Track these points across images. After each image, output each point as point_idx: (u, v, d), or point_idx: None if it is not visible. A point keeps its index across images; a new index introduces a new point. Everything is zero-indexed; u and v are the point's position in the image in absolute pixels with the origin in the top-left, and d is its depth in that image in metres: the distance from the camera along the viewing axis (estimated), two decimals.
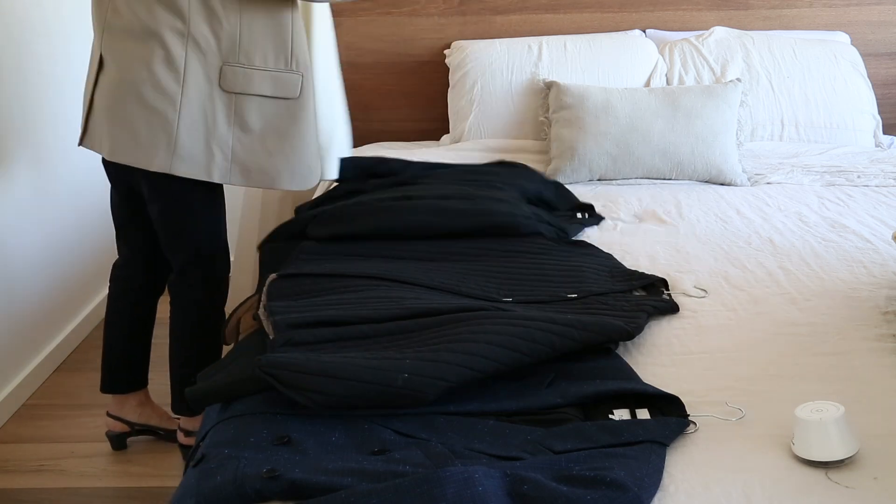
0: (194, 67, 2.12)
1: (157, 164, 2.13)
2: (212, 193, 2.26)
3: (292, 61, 2.20)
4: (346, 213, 2.31)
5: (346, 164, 2.60)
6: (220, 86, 2.13)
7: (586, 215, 2.57)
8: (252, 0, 2.12)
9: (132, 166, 2.16)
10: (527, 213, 2.37)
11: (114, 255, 2.51)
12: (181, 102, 2.11)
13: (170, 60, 2.10)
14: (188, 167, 2.14)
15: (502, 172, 2.70)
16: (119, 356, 2.52)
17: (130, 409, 2.56)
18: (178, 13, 2.09)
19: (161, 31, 2.10)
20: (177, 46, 2.10)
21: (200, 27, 2.10)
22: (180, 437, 2.48)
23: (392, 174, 2.73)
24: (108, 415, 2.57)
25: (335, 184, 2.82)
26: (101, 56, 2.18)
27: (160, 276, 2.50)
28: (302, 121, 2.23)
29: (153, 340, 2.57)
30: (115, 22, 2.14)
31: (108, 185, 2.40)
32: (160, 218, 2.29)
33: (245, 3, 2.12)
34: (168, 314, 2.43)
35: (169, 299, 2.40)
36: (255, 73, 2.15)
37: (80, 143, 2.27)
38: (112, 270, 2.52)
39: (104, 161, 2.31)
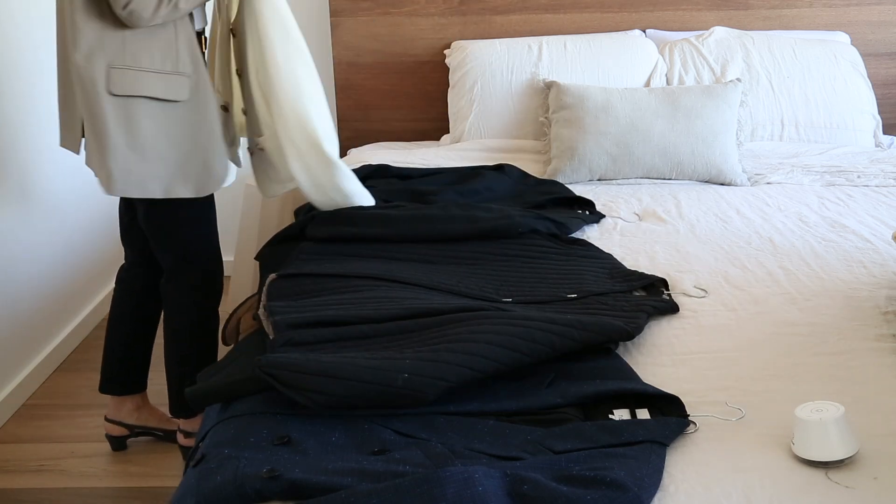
0: (88, 72, 2.06)
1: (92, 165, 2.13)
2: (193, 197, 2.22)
3: (179, 62, 2.13)
4: (344, 216, 2.31)
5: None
6: (107, 90, 2.07)
7: (587, 212, 2.57)
8: None
9: None
10: (520, 212, 2.38)
11: (113, 255, 2.52)
12: (86, 110, 2.08)
13: (76, 66, 2.07)
14: (102, 180, 2.11)
15: (489, 174, 2.72)
16: (119, 358, 2.52)
17: (128, 412, 2.56)
18: (67, 14, 2.07)
19: (67, 32, 2.08)
20: (73, 49, 2.06)
21: (86, 28, 2.05)
22: (180, 438, 2.48)
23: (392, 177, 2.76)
24: (107, 419, 2.57)
25: None
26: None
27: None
28: (197, 126, 2.16)
29: (154, 341, 2.57)
30: (58, 24, 2.14)
31: None
32: (143, 222, 2.29)
33: None
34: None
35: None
36: (143, 74, 2.08)
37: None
38: (118, 272, 2.53)
39: None
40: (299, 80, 2.21)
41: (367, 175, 2.79)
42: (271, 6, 2.19)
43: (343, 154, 3.53)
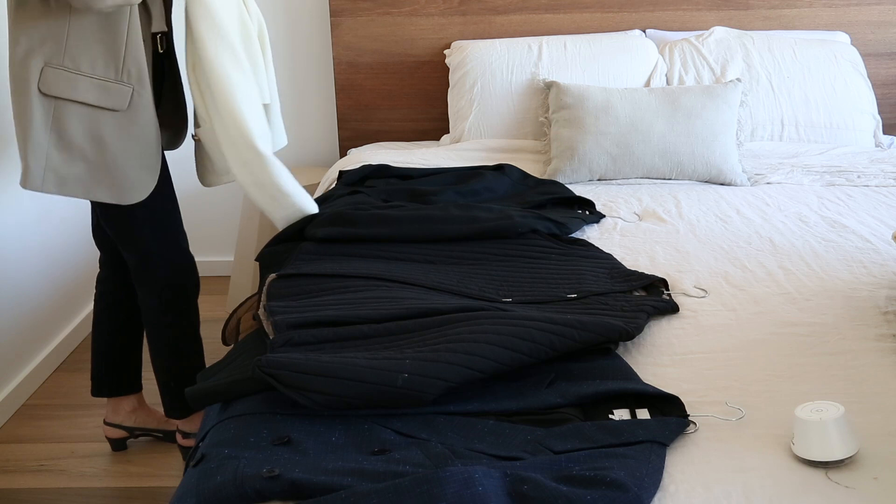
0: (21, 67, 2.03)
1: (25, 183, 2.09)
2: (149, 197, 2.18)
3: (123, 72, 2.08)
4: (344, 216, 2.31)
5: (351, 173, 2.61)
6: (38, 88, 2.02)
7: (587, 212, 2.57)
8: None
9: None
10: (520, 212, 2.38)
11: None
12: (15, 103, 2.05)
13: (10, 59, 2.04)
14: (23, 170, 2.08)
15: (489, 174, 2.72)
16: (106, 361, 2.51)
17: (125, 414, 2.56)
18: (10, 9, 2.03)
19: (12, 25, 2.03)
20: (15, 42, 2.02)
21: (28, 24, 2.01)
22: (179, 438, 2.48)
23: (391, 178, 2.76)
24: (105, 423, 2.57)
25: (333, 186, 2.83)
26: None
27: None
28: (130, 134, 2.11)
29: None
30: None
31: None
32: (102, 221, 2.27)
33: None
34: None
35: None
36: (80, 78, 2.04)
37: None
38: (96, 284, 2.51)
39: None
40: (230, 77, 2.15)
41: (367, 175, 2.79)
42: (201, 3, 2.14)
43: (343, 154, 3.54)
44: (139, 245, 2.26)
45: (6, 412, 2.80)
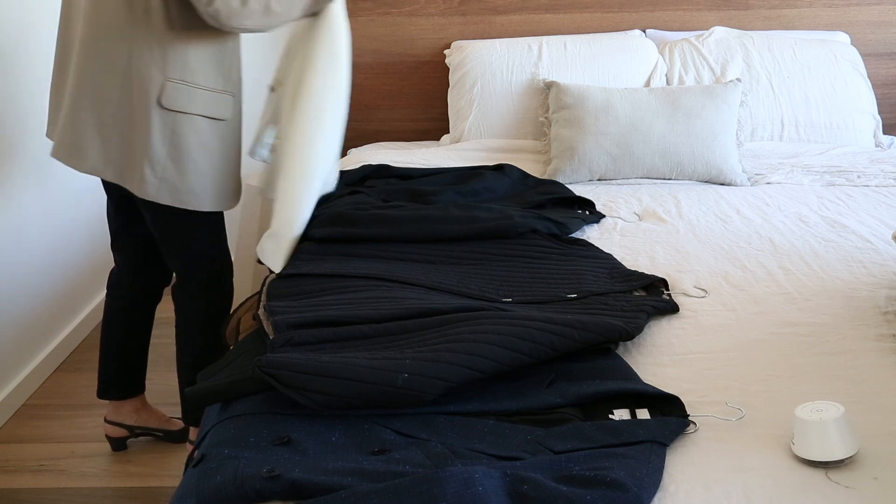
0: (138, 81, 2.05)
1: (88, 167, 2.11)
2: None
3: (229, 82, 2.15)
4: (344, 216, 2.31)
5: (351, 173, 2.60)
6: (159, 102, 2.06)
7: (587, 212, 2.56)
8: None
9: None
10: (520, 212, 2.38)
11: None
12: (124, 115, 2.07)
13: (124, 72, 2.05)
14: (119, 177, 2.11)
15: (489, 174, 2.72)
16: (116, 364, 2.50)
17: (127, 413, 2.56)
18: (118, 20, 2.04)
19: (126, 40, 2.05)
20: (130, 56, 2.05)
21: (153, 40, 2.04)
22: (189, 448, 2.46)
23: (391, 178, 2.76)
24: (106, 420, 2.57)
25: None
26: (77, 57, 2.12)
27: (156, 283, 2.49)
28: (231, 143, 2.20)
29: (154, 341, 2.57)
30: (94, 23, 2.07)
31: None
32: (153, 227, 2.28)
33: (196, 18, 2.02)
34: (169, 314, 2.43)
35: (170, 303, 2.40)
36: (198, 91, 2.09)
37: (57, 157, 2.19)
38: (109, 278, 2.51)
39: None
40: (318, 132, 2.17)
41: (367, 175, 2.79)
42: (330, 36, 2.15)
43: (343, 154, 3.53)
44: (190, 249, 2.28)
45: (6, 412, 2.80)
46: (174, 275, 2.39)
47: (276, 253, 2.16)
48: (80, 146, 2.11)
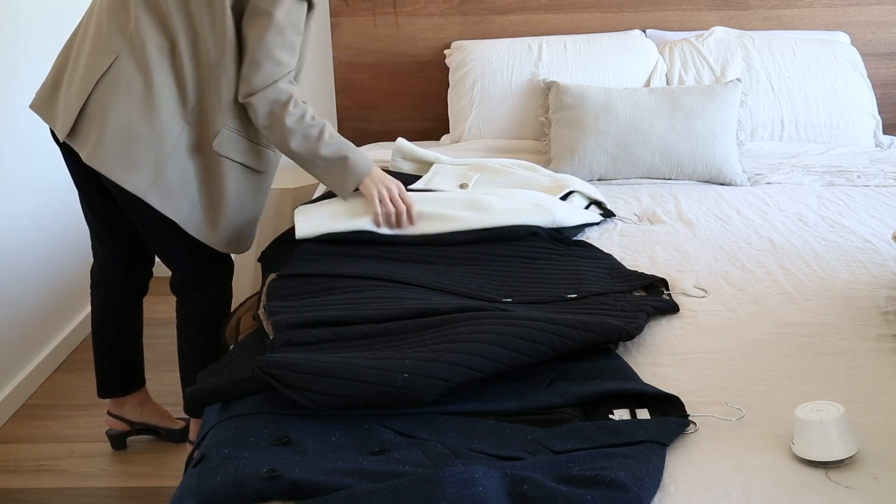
0: (203, 122, 2.14)
1: (133, 186, 2.10)
2: None
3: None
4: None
5: None
6: (213, 145, 2.15)
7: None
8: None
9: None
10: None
11: None
12: (176, 143, 2.12)
13: (183, 100, 2.13)
14: (163, 202, 2.13)
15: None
16: (112, 362, 2.50)
17: (131, 407, 2.56)
18: (200, 62, 2.13)
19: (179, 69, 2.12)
20: (187, 92, 2.13)
21: (223, 90, 2.13)
22: (189, 447, 2.45)
23: None
24: (109, 414, 2.57)
25: None
26: (117, 57, 2.11)
27: (141, 276, 2.47)
28: (262, 194, 2.29)
29: (152, 340, 2.57)
30: (145, 27, 2.11)
31: None
32: (145, 234, 2.28)
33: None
34: (169, 314, 2.43)
35: (171, 303, 2.39)
36: (245, 142, 2.19)
37: (65, 139, 2.16)
38: (91, 277, 2.48)
39: (69, 161, 2.26)
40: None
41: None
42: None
43: None
44: (186, 252, 2.27)
45: (6, 412, 2.80)
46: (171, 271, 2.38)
47: None
48: (133, 163, 2.11)
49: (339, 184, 2.24)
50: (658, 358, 1.72)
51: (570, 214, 2.39)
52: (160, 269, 2.47)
